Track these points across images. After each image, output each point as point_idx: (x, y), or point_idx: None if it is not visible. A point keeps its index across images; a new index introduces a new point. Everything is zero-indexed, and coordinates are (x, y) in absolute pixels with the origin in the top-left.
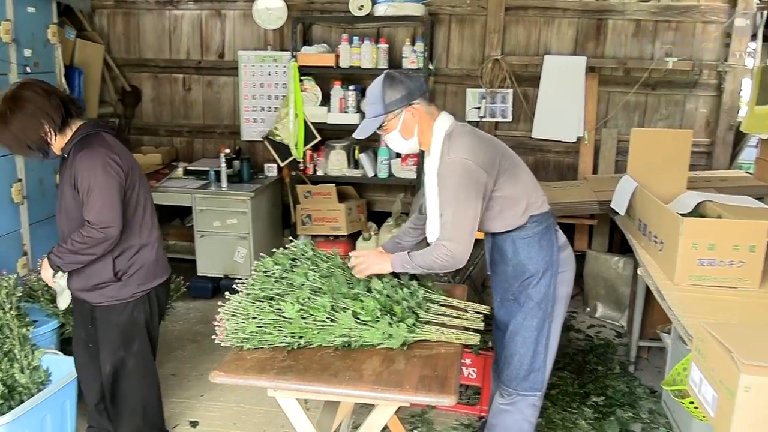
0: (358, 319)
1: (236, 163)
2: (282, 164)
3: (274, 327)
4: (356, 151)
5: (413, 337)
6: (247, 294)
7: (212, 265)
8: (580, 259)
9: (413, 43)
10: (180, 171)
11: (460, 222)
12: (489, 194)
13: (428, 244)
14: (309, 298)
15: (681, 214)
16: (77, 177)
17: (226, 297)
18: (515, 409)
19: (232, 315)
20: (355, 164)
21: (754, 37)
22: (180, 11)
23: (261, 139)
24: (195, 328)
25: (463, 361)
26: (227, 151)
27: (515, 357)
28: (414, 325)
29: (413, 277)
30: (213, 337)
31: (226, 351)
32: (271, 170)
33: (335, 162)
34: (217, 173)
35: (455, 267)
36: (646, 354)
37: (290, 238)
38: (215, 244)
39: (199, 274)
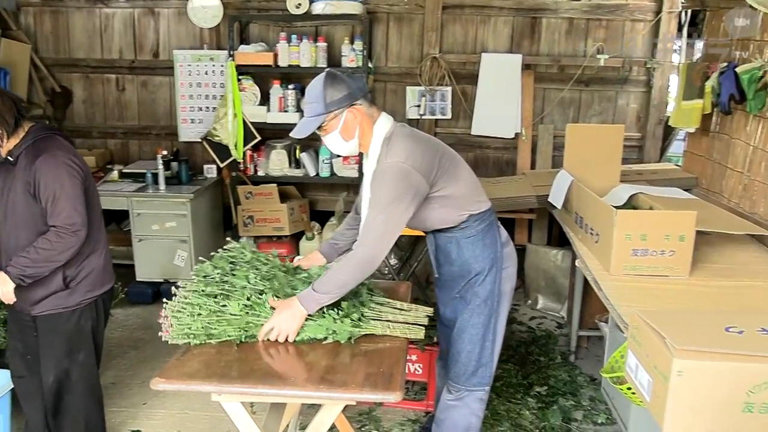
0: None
1: (174, 164)
2: (222, 165)
3: (220, 323)
4: (297, 151)
5: (358, 331)
6: (193, 291)
7: (151, 269)
8: (521, 252)
9: (352, 42)
10: (115, 174)
11: (384, 225)
12: (425, 196)
13: None
14: (252, 295)
15: (615, 207)
16: (39, 184)
17: (173, 292)
18: (463, 404)
19: (178, 311)
20: (297, 164)
21: (679, 34)
22: (111, 9)
23: (199, 140)
24: (135, 335)
25: (408, 357)
26: (164, 152)
27: (463, 354)
28: (359, 319)
29: None
30: (160, 334)
31: (168, 357)
32: (210, 171)
33: (276, 162)
34: (155, 175)
35: (369, 272)
36: (585, 343)
37: (228, 239)
38: (154, 248)
39: (138, 279)
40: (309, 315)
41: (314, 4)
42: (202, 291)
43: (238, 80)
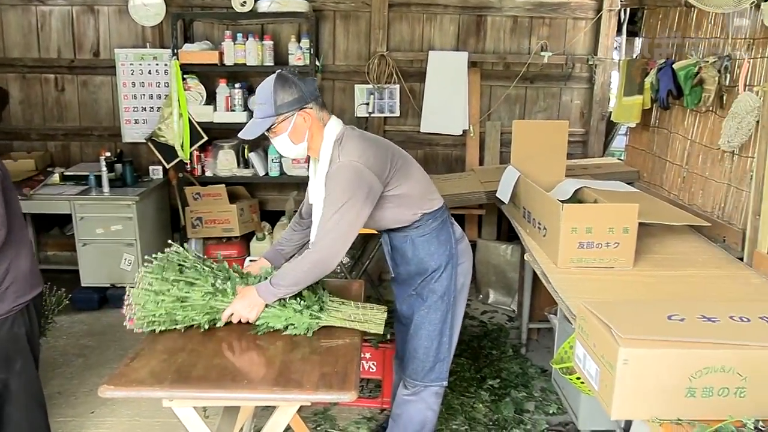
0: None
1: (118, 166)
2: (168, 166)
3: (184, 308)
4: (246, 150)
5: (317, 323)
6: (156, 277)
7: (97, 274)
8: (472, 248)
9: (299, 40)
10: (56, 177)
11: (341, 226)
12: (379, 196)
13: None
14: (216, 281)
15: (561, 201)
16: None
17: (138, 275)
18: (419, 399)
19: (142, 298)
20: (245, 163)
21: (619, 32)
22: (48, 7)
23: (144, 141)
24: (81, 342)
25: (362, 355)
26: (108, 154)
27: (420, 350)
28: (320, 310)
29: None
30: (125, 324)
31: (116, 363)
32: (156, 173)
33: (224, 162)
34: (98, 178)
35: (325, 273)
36: (536, 335)
37: (170, 241)
38: (99, 252)
39: (83, 284)
40: (269, 304)
41: (259, 2)
42: (165, 278)
43: (183, 79)
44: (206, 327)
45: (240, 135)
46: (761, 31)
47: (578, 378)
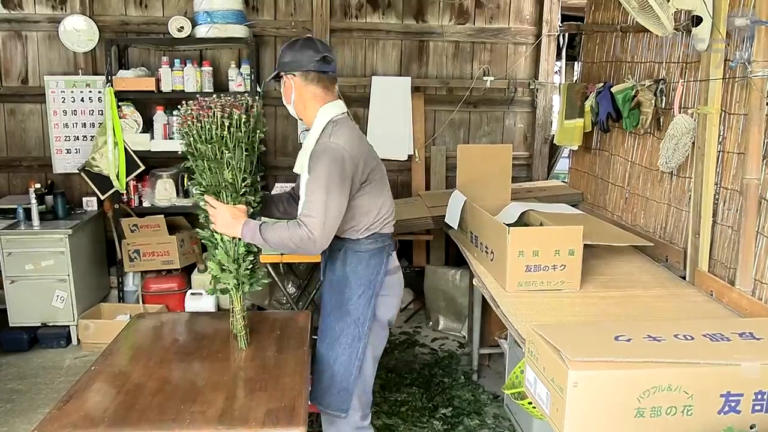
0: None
1: (49, 198)
2: (103, 197)
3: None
4: (185, 179)
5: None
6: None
7: (27, 313)
8: (420, 274)
9: (239, 66)
10: None
11: (327, 207)
12: (349, 191)
13: None
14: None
15: (507, 225)
16: None
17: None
18: (335, 430)
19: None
20: (185, 193)
21: (559, 56)
22: None
23: (77, 171)
24: (9, 386)
25: (310, 388)
26: (37, 185)
27: (325, 373)
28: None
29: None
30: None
31: (48, 407)
32: (90, 204)
33: (163, 192)
34: (27, 211)
35: (312, 253)
36: (487, 361)
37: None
38: (29, 289)
39: (11, 324)
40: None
41: (197, 28)
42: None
43: (118, 107)
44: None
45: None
46: (693, 55)
47: (530, 403)
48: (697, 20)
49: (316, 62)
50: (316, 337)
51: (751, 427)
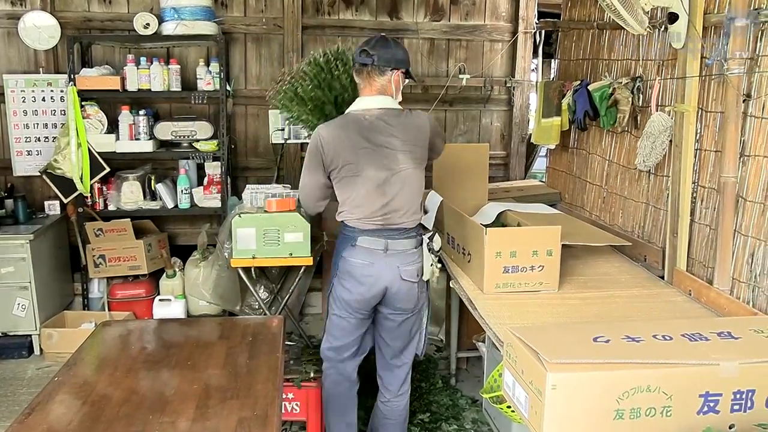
0: None
1: (9, 202)
2: (66, 201)
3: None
4: (152, 181)
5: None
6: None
7: None
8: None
9: (208, 64)
10: None
11: (302, 176)
12: (322, 172)
13: None
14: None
15: (484, 225)
16: None
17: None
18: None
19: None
20: (152, 195)
21: (536, 53)
22: None
23: (39, 174)
24: None
25: (284, 395)
26: None
27: None
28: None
29: None
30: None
31: (9, 420)
32: (53, 208)
33: (129, 194)
34: None
35: (310, 212)
36: (465, 365)
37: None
38: None
39: None
40: None
41: (164, 24)
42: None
43: (82, 107)
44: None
45: None
46: (669, 53)
47: (508, 407)
48: (674, 17)
49: (358, 55)
50: (291, 343)
51: (729, 427)
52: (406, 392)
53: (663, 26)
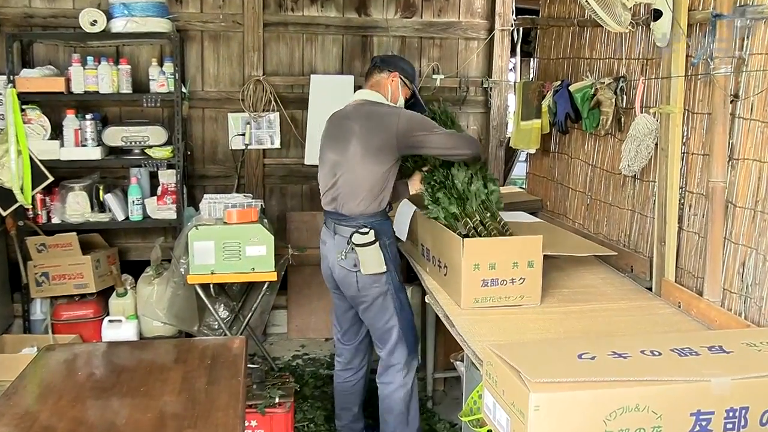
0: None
1: None
2: (5, 213)
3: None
4: (101, 192)
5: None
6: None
7: None
8: None
9: (161, 64)
10: None
11: None
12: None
13: None
14: None
15: (461, 235)
16: None
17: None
18: None
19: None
20: (101, 207)
21: (513, 52)
22: None
23: None
24: None
25: (247, 423)
26: None
27: None
28: None
29: None
30: None
31: None
32: None
33: (75, 206)
34: None
35: None
36: (443, 386)
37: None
38: None
39: None
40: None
41: (113, 21)
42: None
43: (22, 110)
44: None
45: None
46: (653, 51)
47: (489, 430)
48: (658, 14)
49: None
50: (254, 365)
51: None
52: (384, 383)
53: (647, 23)
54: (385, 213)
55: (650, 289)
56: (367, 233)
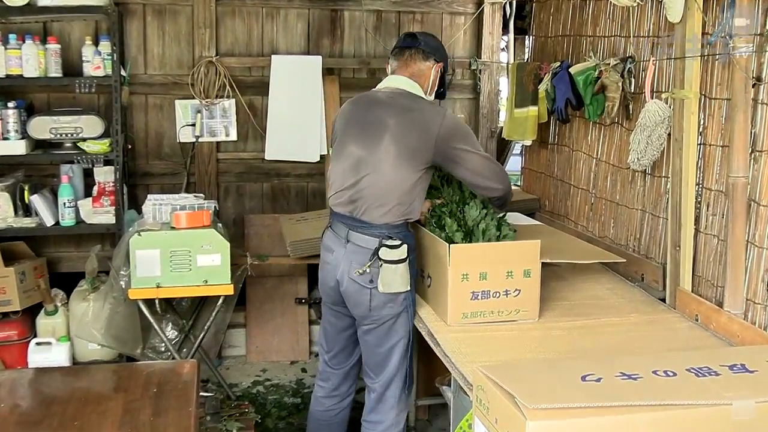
0: None
1: None
2: None
3: None
4: (26, 192)
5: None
6: None
7: None
8: None
9: (96, 43)
10: None
11: None
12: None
13: None
14: None
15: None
16: None
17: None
18: None
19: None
20: (26, 210)
21: (506, 29)
22: None
23: None
24: None
25: None
26: None
27: None
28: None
29: None
30: None
31: None
32: None
33: None
34: None
35: None
36: (427, 415)
37: None
38: None
39: None
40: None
41: None
42: None
43: None
44: None
45: None
46: (666, 27)
47: None
48: None
49: (401, 40)
50: (208, 393)
51: None
52: (372, 423)
53: None
54: (408, 224)
55: (663, 300)
56: (398, 247)
